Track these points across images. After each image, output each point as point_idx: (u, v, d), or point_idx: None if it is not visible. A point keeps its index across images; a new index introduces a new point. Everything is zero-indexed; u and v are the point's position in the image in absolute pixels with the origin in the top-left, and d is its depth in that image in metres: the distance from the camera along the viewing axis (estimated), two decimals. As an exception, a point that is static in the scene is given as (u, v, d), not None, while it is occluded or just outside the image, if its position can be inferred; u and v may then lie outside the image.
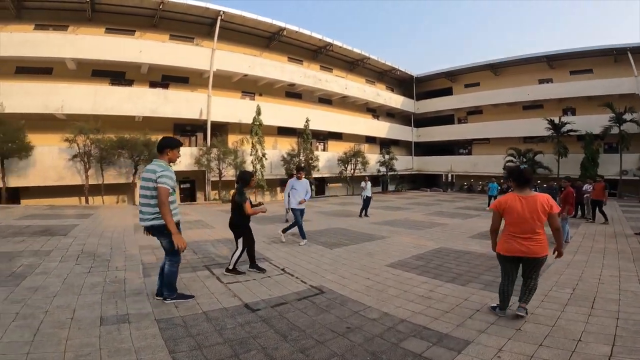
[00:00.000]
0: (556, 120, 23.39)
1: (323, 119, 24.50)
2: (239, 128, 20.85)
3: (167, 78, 19.26)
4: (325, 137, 26.62)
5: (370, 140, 29.74)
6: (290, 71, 23.00)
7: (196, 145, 19.90)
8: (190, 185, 20.38)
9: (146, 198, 3.26)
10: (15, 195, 15.31)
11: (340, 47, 25.37)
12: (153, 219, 3.25)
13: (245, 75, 20.89)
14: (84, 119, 14.69)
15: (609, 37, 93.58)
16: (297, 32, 22.59)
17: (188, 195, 19.94)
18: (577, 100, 24.91)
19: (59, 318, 2.97)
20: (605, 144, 23.23)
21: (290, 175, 11.63)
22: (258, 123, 18.93)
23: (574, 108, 25.63)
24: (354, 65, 28.40)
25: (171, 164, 3.44)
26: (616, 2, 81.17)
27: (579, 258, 5.83)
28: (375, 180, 26.14)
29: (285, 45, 23.90)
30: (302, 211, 6.98)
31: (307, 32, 23.08)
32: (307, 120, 21.57)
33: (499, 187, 16.54)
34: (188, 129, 20.21)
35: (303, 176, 7.31)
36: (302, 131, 21.95)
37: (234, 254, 4.60)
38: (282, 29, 21.90)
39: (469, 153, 30.94)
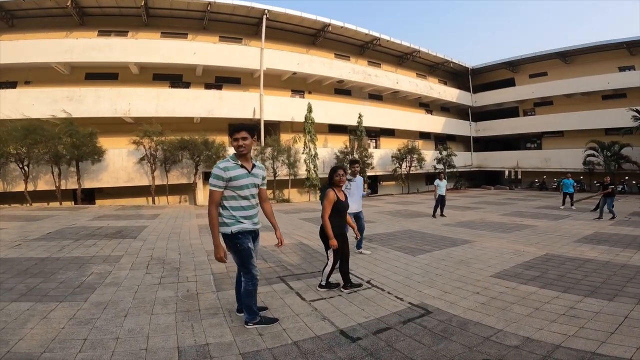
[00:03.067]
0: (644, 111, 20.09)
1: (374, 115, 23.48)
2: (290, 126, 20.68)
3: (220, 79, 19.62)
4: (377, 133, 25.60)
5: (424, 136, 28.11)
6: (339, 67, 22.35)
7: (251, 145, 20.05)
8: (246, 186, 20.57)
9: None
10: (90, 196, 16.46)
11: (388, 40, 24.16)
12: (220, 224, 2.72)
13: (294, 73, 20.64)
14: (147, 121, 15.34)
15: None
16: (342, 27, 21.89)
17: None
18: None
19: (131, 348, 2.52)
20: None
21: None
22: (310, 121, 18.55)
23: (673, 96, 21.88)
24: (403, 59, 27.01)
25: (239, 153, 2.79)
26: None
27: None
28: (432, 177, 24.59)
29: (331, 41, 23.33)
30: (357, 215, 5.66)
31: (353, 27, 22.29)
32: (360, 116, 20.73)
33: (575, 184, 14.49)
34: (243, 128, 20.44)
35: (358, 171, 5.86)
36: (353, 128, 21.16)
37: (324, 268, 3.92)
38: (327, 25, 21.33)
39: (539, 147, 27.92)
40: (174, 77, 18.55)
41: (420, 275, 4.48)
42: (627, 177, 20.02)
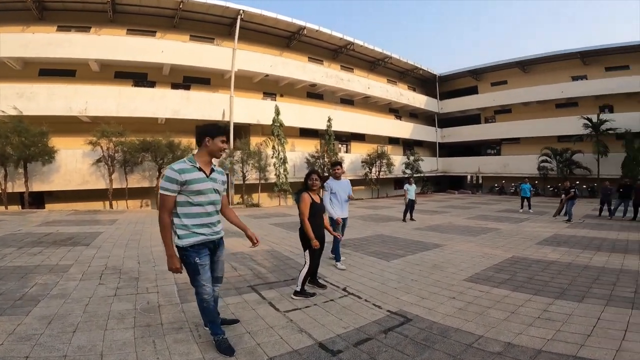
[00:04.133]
0: (594, 119, 21.86)
1: (345, 119, 23.69)
2: (261, 129, 20.29)
3: (188, 79, 18.90)
4: (347, 138, 25.79)
5: (393, 141, 28.72)
6: (312, 71, 22.34)
7: (219, 148, 19.41)
8: (213, 190, 19.86)
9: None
10: (39, 199, 15.09)
11: (362, 46, 24.56)
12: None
13: (267, 75, 20.35)
14: (107, 121, 14.36)
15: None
16: (317, 31, 21.93)
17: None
18: (615, 97, 23.20)
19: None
20: (648, 142, 21.36)
21: (325, 179, 10.54)
22: (278, 124, 18.30)
23: (611, 105, 23.92)
24: (375, 64, 27.53)
25: (214, 159, 2.58)
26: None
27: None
28: (401, 182, 25.15)
29: (305, 44, 23.29)
30: (345, 221, 5.39)
31: (328, 31, 22.41)
32: (329, 120, 20.68)
33: (532, 188, 15.44)
34: (211, 130, 19.75)
35: (341, 172, 5.37)
36: (324, 132, 21.19)
37: (301, 271, 3.78)
38: (302, 28, 21.28)
39: (498, 153, 29.45)
40: (138, 75, 17.57)
41: (396, 281, 4.41)
42: (578, 182, 21.53)
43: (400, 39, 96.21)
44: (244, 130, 19.44)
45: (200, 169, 2.46)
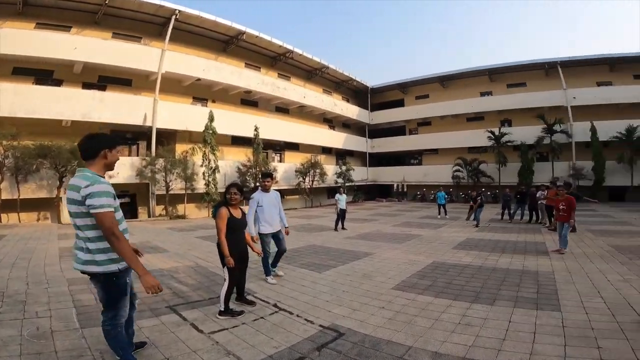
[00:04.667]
0: (496, 132, 25.19)
1: (280, 128, 23.61)
2: (188, 136, 19.10)
3: (104, 79, 16.92)
4: (281, 147, 25.68)
5: (326, 151, 29.42)
6: (248, 77, 21.86)
7: (138, 155, 17.68)
8: (131, 200, 17.98)
9: (75, 228, 2.16)
10: None
11: (301, 55, 24.85)
12: (85, 262, 2.13)
13: (199, 79, 19.32)
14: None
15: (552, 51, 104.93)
16: (257, 36, 21.64)
17: (128, 211, 17.51)
18: (514, 112, 27.04)
19: None
20: (538, 153, 25.28)
21: (254, 189, 10.04)
22: (211, 131, 17.43)
23: (510, 119, 27.78)
24: (312, 74, 28.07)
25: (108, 171, 2.31)
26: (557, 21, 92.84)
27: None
28: (333, 191, 25.79)
29: (244, 50, 22.80)
30: (276, 236, 5.05)
31: (268, 38, 22.24)
32: (256, 129, 20.23)
33: (447, 196, 17.17)
34: (129, 136, 17.90)
35: (271, 185, 5.10)
36: (255, 140, 20.71)
37: (222, 288, 3.56)
38: (241, 33, 20.81)
39: (420, 163, 32.09)
40: (41, 72, 15.14)
41: (327, 293, 4.38)
42: (483, 189, 24.40)
43: (337, 49, 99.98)
44: (168, 137, 18.04)
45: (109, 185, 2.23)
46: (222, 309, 3.50)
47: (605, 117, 23.12)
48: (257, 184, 16.98)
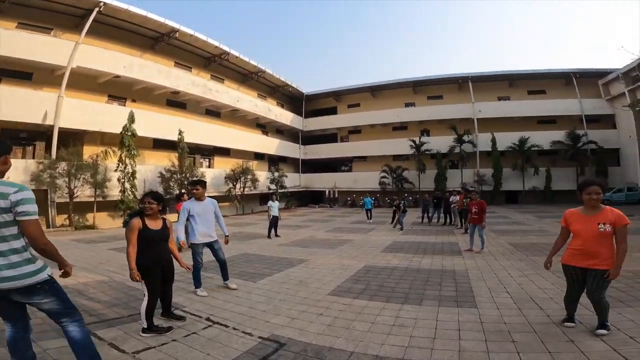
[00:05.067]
0: (417, 141, 27.63)
1: (209, 132, 22.57)
2: (100, 138, 17.15)
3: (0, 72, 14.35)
4: (210, 152, 24.53)
5: (259, 156, 28.96)
6: (177, 77, 20.51)
7: (34, 157, 15.21)
8: (26, 209, 15.31)
9: None
10: None
11: (237, 57, 24.19)
12: (15, 277, 1.91)
13: (118, 76, 17.50)
14: None
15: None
16: (191, 35, 20.54)
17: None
18: (432, 122, 30.00)
19: None
20: (450, 161, 28.27)
21: (178, 197, 9.29)
22: (130, 133, 15.85)
23: (429, 130, 30.71)
24: (248, 78, 27.52)
25: None
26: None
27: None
28: (266, 198, 25.45)
29: (175, 48, 21.44)
30: (211, 246, 4.78)
31: (203, 38, 21.25)
32: (181, 132, 19.07)
33: (373, 201, 18.31)
34: (23, 135, 15.33)
35: (201, 193, 4.76)
36: (182, 144, 19.46)
37: (141, 304, 3.25)
38: (174, 31, 19.56)
39: (350, 170, 33.52)
40: None
41: (264, 303, 4.26)
42: (406, 195, 26.42)
43: (272, 53, 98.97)
44: (75, 138, 15.91)
45: None
46: (145, 326, 3.20)
47: (503, 129, 26.99)
48: (183, 190, 15.87)
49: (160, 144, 20.11)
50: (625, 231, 2.87)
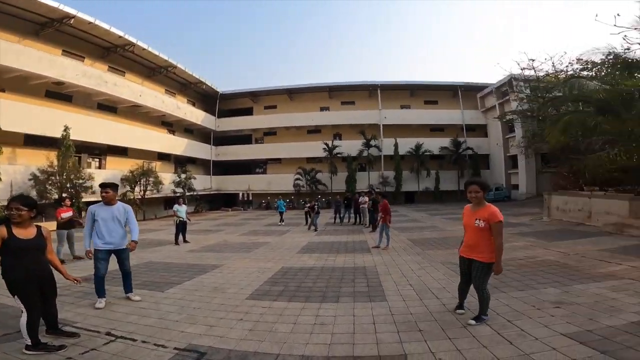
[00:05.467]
0: (330, 144, 28.98)
1: (102, 129, 19.86)
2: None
3: None
4: (103, 151, 21.55)
5: (164, 157, 26.58)
6: (64, 66, 17.59)
7: None
8: None
9: None
10: None
11: (145, 49, 21.79)
12: None
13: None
14: None
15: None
16: (90, 23, 17.81)
17: None
18: (344, 127, 31.83)
19: None
20: (359, 164, 30.34)
21: (58, 202, 8.53)
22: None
23: (341, 134, 32.47)
24: (156, 72, 25.10)
25: None
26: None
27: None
28: (172, 202, 23.54)
29: (67, 36, 18.38)
30: (117, 254, 4.34)
31: (105, 26, 18.72)
32: (67, 128, 16.54)
33: (289, 203, 18.63)
34: None
35: (111, 196, 4.34)
36: (66, 141, 16.65)
37: (20, 321, 2.82)
38: (69, 17, 16.66)
39: (265, 172, 33.23)
40: None
41: (176, 312, 3.95)
42: (319, 196, 27.37)
43: (192, 52, 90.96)
44: None
45: None
46: (29, 343, 2.77)
47: (404, 135, 30.17)
48: (65, 195, 13.70)
49: (34, 141, 16.91)
50: (498, 227, 3.18)
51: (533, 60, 19.80)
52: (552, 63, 18.76)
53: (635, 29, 6.43)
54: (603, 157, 11.14)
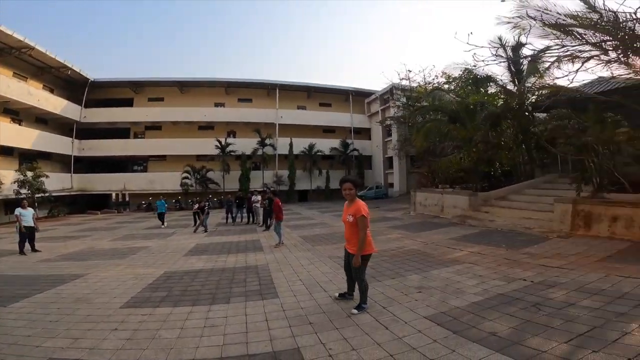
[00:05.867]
0: (223, 141, 27.82)
1: None
2: None
3: None
4: None
5: (5, 152, 21.03)
6: None
7: None
8: None
9: None
10: None
11: None
12: None
13: None
14: None
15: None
16: None
17: None
18: (239, 124, 30.90)
19: None
20: (253, 162, 29.91)
21: None
22: None
23: (235, 131, 31.41)
24: (4, 52, 19.76)
25: None
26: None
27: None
28: (14, 205, 18.99)
29: None
30: None
31: None
32: None
33: (173, 204, 17.17)
34: None
35: None
36: None
37: None
38: None
39: (145, 170, 29.67)
40: None
41: (26, 327, 3.34)
42: (210, 196, 25.88)
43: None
44: None
45: None
46: None
47: (299, 135, 31.05)
48: None
49: None
50: (363, 222, 3.36)
51: (410, 71, 23.06)
52: (424, 75, 22.11)
53: (482, 47, 8.13)
54: (452, 160, 13.74)
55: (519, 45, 11.96)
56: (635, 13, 5.58)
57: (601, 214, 6.68)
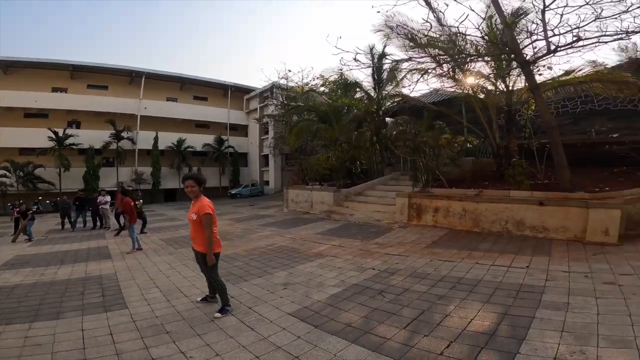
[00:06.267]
0: (60, 132, 22.71)
1: None
2: None
3: None
4: None
5: None
6: None
7: None
8: None
9: None
10: None
11: None
12: None
13: None
14: None
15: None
16: None
17: None
18: (86, 113, 25.75)
19: None
20: (104, 158, 25.67)
21: None
22: None
23: (80, 121, 26.08)
24: None
25: None
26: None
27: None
28: None
29: None
30: None
31: None
32: None
33: None
34: None
35: None
36: None
37: None
38: None
39: None
40: None
41: None
42: (40, 197, 20.72)
43: None
44: None
45: None
46: None
47: (166, 129, 28.11)
48: None
49: None
50: (207, 219, 3.31)
51: (290, 71, 23.59)
52: (302, 76, 22.93)
53: (348, 52, 9.00)
54: (320, 158, 14.81)
55: (383, 55, 13.51)
56: (457, 27, 7.12)
57: (427, 205, 8.27)
